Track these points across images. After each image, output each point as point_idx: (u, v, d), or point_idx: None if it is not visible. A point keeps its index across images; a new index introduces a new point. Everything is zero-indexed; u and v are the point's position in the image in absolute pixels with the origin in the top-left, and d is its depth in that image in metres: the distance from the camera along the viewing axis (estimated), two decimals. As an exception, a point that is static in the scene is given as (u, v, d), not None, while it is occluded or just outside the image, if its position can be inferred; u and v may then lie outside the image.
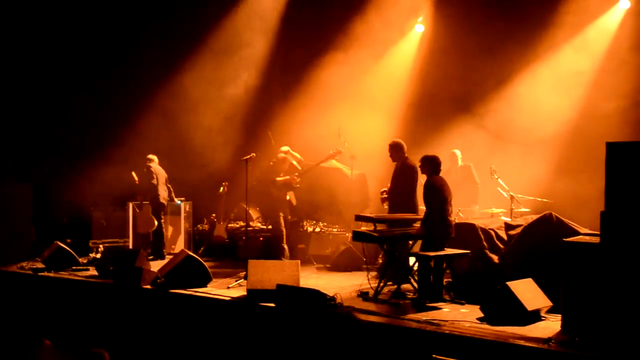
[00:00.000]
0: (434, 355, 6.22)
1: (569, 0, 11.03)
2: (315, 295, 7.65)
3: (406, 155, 9.47)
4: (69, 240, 11.86)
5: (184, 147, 13.03)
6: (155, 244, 11.96)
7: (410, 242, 9.17)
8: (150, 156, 11.96)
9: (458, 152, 11.47)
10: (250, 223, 11.59)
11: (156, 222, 11.82)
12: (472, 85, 11.82)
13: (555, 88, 11.22)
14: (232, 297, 8.52)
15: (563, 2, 11.05)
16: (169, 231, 12.78)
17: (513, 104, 11.57)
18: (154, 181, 11.81)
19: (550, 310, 7.41)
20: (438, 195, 8.25)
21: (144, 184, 11.87)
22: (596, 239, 6.63)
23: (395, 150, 9.47)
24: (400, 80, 12.84)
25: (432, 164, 8.45)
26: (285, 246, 11.01)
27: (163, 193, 11.97)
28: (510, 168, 10.93)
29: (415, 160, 8.97)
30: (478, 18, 11.65)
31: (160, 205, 11.93)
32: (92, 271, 10.32)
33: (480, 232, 8.69)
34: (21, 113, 11.93)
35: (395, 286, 8.63)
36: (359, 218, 9.09)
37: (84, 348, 4.68)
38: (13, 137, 12.25)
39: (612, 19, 11.24)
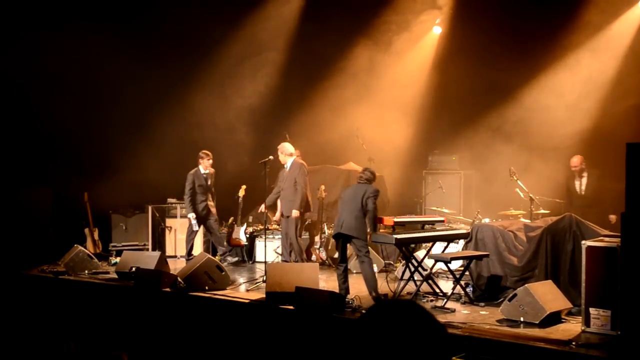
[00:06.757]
0: (453, 358, 6.19)
1: (589, 1, 10.95)
2: (334, 297, 7.66)
3: None
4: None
5: (201, 149, 13.06)
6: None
7: (429, 245, 9.16)
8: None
9: None
10: (269, 226, 11.60)
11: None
12: (490, 87, 11.76)
13: (574, 89, 11.14)
14: (251, 300, 8.54)
15: (583, 3, 10.97)
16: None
17: (532, 105, 11.50)
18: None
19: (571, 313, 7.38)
20: None
21: None
22: (617, 241, 6.59)
23: None
24: (418, 82, 12.82)
25: None
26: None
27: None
28: (529, 169, 10.87)
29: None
30: (496, 20, 11.61)
31: None
32: (112, 274, 10.38)
33: (499, 234, 8.67)
34: (42, 119, 12.01)
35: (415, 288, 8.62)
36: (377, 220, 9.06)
37: (104, 350, 4.69)
38: (33, 142, 12.34)
39: (633, 19, 11.15)
